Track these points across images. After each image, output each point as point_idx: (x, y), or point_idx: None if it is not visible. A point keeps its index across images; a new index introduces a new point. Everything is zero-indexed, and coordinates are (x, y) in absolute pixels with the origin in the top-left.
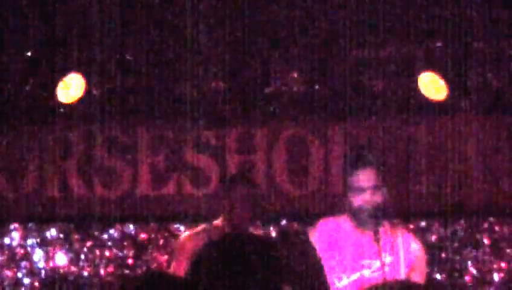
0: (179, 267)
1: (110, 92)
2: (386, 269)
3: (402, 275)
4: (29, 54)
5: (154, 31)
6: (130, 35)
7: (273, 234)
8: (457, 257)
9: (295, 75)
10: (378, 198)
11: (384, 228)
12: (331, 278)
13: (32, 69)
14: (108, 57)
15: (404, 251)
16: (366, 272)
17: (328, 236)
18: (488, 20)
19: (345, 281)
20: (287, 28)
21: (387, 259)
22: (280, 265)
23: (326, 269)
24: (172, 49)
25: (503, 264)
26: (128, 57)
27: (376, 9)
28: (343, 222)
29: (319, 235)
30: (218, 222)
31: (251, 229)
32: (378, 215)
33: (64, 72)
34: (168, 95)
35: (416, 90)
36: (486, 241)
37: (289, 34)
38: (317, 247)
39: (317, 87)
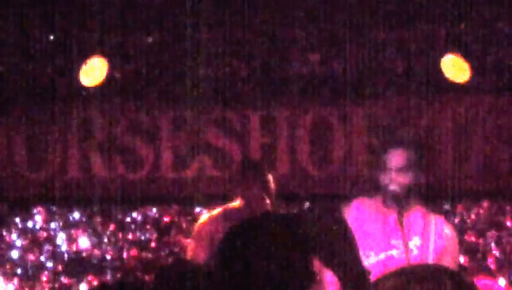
0: (198, 253)
1: (132, 75)
2: (415, 251)
3: (430, 259)
4: (52, 37)
5: (176, 14)
6: (152, 17)
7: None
8: (481, 240)
9: (317, 56)
10: (405, 179)
11: (415, 210)
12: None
13: (55, 52)
14: (130, 39)
15: (436, 235)
16: (394, 252)
17: (360, 215)
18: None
19: (372, 259)
20: (308, 8)
21: (417, 242)
22: (308, 242)
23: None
24: (194, 31)
25: None
26: (149, 39)
27: None
28: (376, 202)
29: (351, 214)
30: (235, 204)
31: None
32: (402, 197)
33: (86, 55)
34: (189, 77)
35: (439, 71)
36: (509, 223)
37: (310, 15)
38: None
39: (339, 68)
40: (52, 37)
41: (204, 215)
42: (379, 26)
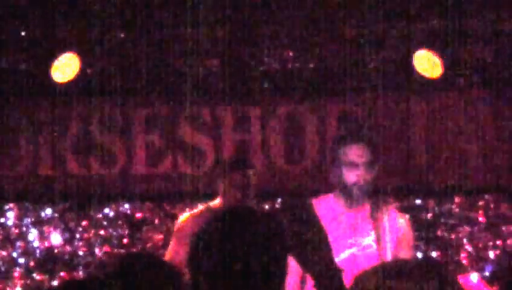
0: (178, 251)
1: (105, 71)
2: (374, 246)
3: (388, 251)
4: (22, 33)
5: (149, 9)
6: (124, 13)
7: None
8: (453, 235)
9: (290, 52)
10: (370, 174)
11: (374, 205)
12: None
13: (27, 48)
14: (103, 35)
15: (390, 228)
16: (356, 250)
17: (320, 214)
18: None
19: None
20: (281, 4)
21: (373, 236)
22: (283, 237)
23: None
24: (167, 27)
25: (498, 242)
26: (122, 35)
27: None
28: (334, 200)
29: None
30: (216, 203)
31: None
32: (369, 192)
33: (58, 51)
34: (163, 73)
35: (411, 67)
36: (481, 219)
37: (283, 11)
38: None
39: (311, 64)
40: (23, 33)
41: (186, 214)
42: (352, 22)
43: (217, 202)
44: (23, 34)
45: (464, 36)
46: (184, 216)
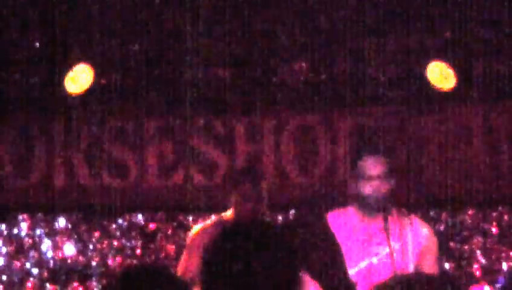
0: (191, 263)
1: (118, 82)
2: (395, 256)
3: (411, 262)
4: (37, 44)
5: (162, 21)
6: (137, 24)
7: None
8: (466, 246)
9: (302, 64)
10: (386, 186)
11: (392, 215)
12: None
13: (40, 59)
14: (116, 47)
15: (413, 237)
16: (374, 260)
17: (336, 228)
18: (496, 8)
19: (353, 270)
20: (293, 16)
21: (395, 246)
22: (295, 252)
23: None
24: (180, 39)
25: (511, 253)
26: (135, 47)
27: None
28: (350, 212)
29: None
30: (228, 215)
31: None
32: (386, 204)
33: (72, 63)
34: (175, 84)
35: (424, 79)
36: (494, 230)
37: (295, 23)
38: None
39: (324, 76)
40: (37, 44)
41: (197, 226)
42: (365, 34)
43: (229, 213)
44: (37, 45)
45: (478, 49)
46: (196, 228)
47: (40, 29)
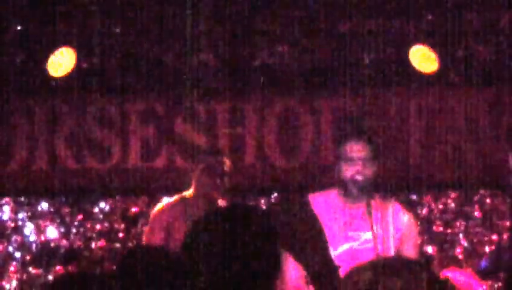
0: (153, 240)
1: (101, 66)
2: (377, 241)
3: (391, 247)
4: (19, 27)
5: (146, 5)
6: (120, 8)
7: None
8: (449, 230)
9: (285, 48)
10: (369, 170)
11: (375, 200)
12: None
13: (22, 43)
14: (99, 31)
15: (394, 223)
16: (355, 244)
17: (318, 209)
18: None
19: (333, 253)
20: (276, 0)
21: (378, 231)
22: (276, 234)
23: None
24: (163, 23)
25: (494, 237)
26: (118, 30)
27: None
28: (332, 196)
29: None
30: (190, 192)
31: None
32: (369, 188)
33: (54, 46)
34: (158, 68)
35: (407, 62)
36: (477, 213)
37: (278, 7)
38: None
39: (307, 60)
40: (19, 27)
41: (160, 204)
42: (347, 17)
43: (190, 191)
44: (19, 28)
45: (461, 32)
46: (159, 206)
47: (23, 12)
